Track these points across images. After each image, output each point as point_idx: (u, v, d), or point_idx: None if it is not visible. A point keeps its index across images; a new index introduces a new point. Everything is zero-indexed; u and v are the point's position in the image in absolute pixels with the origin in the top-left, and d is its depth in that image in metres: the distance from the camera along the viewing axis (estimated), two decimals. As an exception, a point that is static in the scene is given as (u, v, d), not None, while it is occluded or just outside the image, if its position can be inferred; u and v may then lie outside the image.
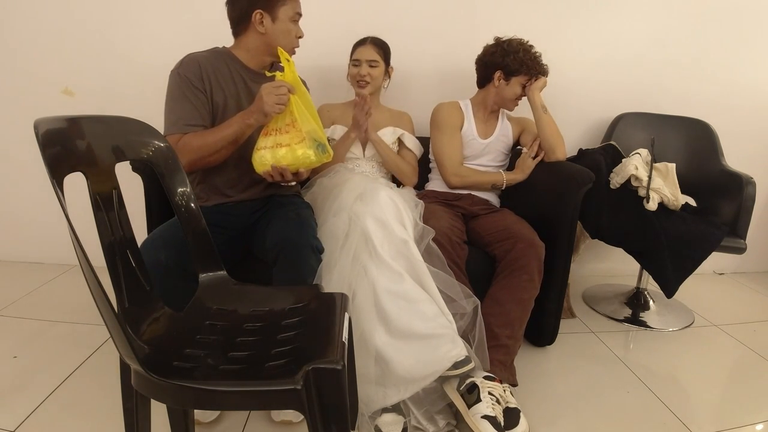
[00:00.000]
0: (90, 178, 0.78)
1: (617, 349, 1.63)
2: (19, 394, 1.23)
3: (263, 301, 0.95)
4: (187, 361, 0.74)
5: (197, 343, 0.80)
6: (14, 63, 1.90)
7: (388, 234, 1.27)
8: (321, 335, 0.80)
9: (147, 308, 0.84)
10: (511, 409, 1.15)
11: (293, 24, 1.30)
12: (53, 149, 0.70)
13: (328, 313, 0.88)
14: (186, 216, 0.98)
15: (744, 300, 2.13)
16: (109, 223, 0.80)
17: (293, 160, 1.18)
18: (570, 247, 1.47)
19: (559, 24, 1.98)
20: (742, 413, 1.32)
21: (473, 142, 1.71)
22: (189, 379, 0.68)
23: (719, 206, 1.80)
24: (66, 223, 0.65)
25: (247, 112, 1.19)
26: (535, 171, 1.67)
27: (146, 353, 0.73)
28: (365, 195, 1.34)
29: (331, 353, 0.73)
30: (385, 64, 1.68)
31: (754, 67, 2.13)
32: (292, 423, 1.17)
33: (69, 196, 0.70)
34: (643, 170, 1.70)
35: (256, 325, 0.87)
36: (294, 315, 0.89)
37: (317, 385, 0.67)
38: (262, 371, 0.72)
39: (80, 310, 1.70)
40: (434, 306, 1.21)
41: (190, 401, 0.74)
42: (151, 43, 1.88)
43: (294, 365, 0.70)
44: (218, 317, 0.90)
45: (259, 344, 0.80)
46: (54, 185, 0.66)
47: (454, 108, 1.72)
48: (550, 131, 1.63)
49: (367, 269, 1.21)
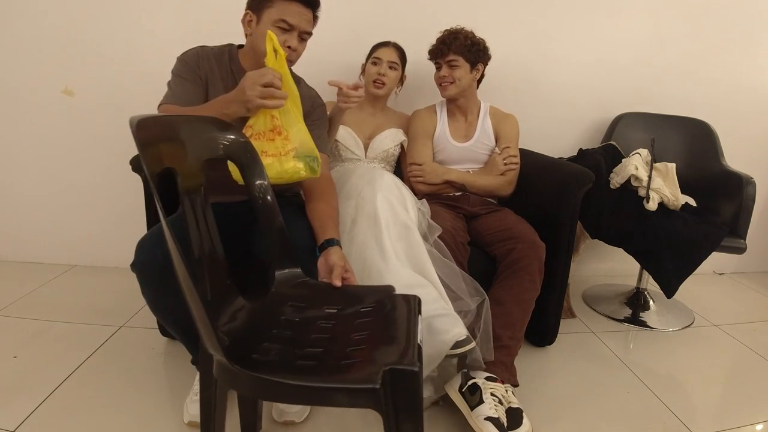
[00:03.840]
0: (180, 174, 0.80)
1: (617, 349, 1.63)
2: (19, 394, 1.23)
3: (336, 300, 0.96)
4: (265, 354, 0.75)
5: (274, 337, 0.82)
6: (14, 63, 1.90)
7: (394, 216, 1.29)
8: (395, 336, 0.81)
9: (227, 301, 0.85)
10: (513, 409, 1.15)
11: (278, 30, 1.16)
12: (150, 148, 0.73)
13: (401, 315, 0.89)
14: (263, 209, 0.98)
15: (744, 300, 2.14)
16: (196, 218, 0.82)
17: (279, 173, 1.05)
18: (570, 247, 1.47)
19: (559, 24, 1.98)
20: (742, 413, 1.32)
21: (447, 146, 1.68)
22: (269, 372, 0.69)
23: (719, 206, 1.80)
24: (161, 220, 0.69)
25: (227, 99, 1.04)
26: (534, 171, 1.66)
27: (227, 345, 0.74)
28: (374, 179, 1.38)
29: (408, 355, 0.73)
30: (402, 69, 1.69)
31: (754, 67, 2.14)
32: (295, 423, 1.17)
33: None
34: (643, 170, 1.70)
35: (329, 322, 0.88)
36: (367, 315, 0.90)
37: (393, 386, 0.67)
38: (339, 369, 0.73)
39: (80, 310, 1.70)
40: (433, 290, 1.21)
41: (269, 393, 0.75)
42: (151, 43, 1.88)
43: (370, 365, 0.71)
44: (293, 313, 0.92)
45: (333, 342, 0.82)
46: (150, 182, 0.68)
47: (427, 113, 1.72)
48: (487, 190, 1.64)
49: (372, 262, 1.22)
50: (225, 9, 1.32)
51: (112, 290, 1.87)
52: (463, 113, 1.71)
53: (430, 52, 1.64)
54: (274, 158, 1.05)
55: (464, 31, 1.60)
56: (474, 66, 1.61)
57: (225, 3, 1.31)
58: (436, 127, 1.70)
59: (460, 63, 1.58)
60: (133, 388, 1.29)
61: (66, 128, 1.96)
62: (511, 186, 1.66)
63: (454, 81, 1.60)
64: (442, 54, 1.59)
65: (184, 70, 1.22)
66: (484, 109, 1.73)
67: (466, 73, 1.60)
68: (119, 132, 1.95)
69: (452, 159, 1.69)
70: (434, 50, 1.62)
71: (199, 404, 1.14)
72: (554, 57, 2.02)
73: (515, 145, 1.69)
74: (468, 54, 1.58)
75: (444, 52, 1.59)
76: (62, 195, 2.04)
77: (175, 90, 1.20)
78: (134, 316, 1.67)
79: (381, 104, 1.73)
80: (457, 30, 1.60)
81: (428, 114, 1.72)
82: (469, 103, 1.70)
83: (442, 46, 1.59)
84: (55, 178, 2.02)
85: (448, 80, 1.60)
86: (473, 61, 1.60)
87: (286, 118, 1.06)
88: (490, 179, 1.64)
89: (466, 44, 1.57)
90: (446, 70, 1.60)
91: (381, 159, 1.69)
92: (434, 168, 1.65)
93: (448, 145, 1.68)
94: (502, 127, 1.70)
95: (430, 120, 1.71)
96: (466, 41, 1.57)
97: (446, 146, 1.68)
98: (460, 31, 1.60)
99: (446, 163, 1.69)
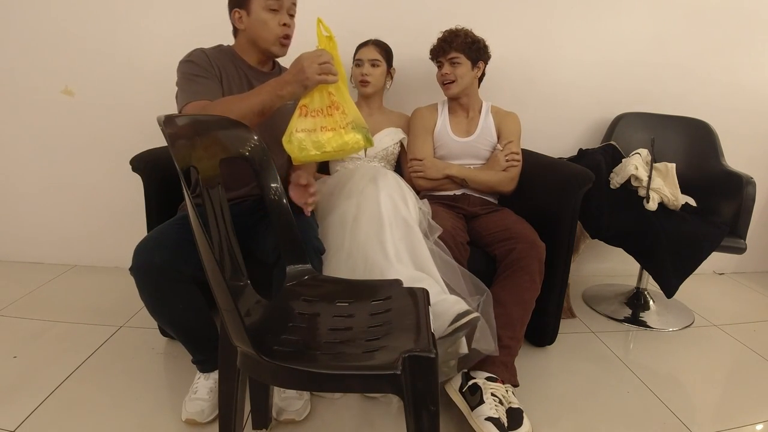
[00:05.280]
0: (201, 173, 0.83)
1: (617, 349, 1.63)
2: (19, 394, 1.23)
3: (347, 294, 1.00)
4: (286, 346, 0.79)
5: (291, 330, 0.86)
6: (14, 63, 1.90)
7: (396, 214, 1.29)
8: (409, 326, 0.84)
9: (244, 297, 0.88)
10: (513, 409, 1.15)
11: (270, 13, 1.23)
12: (179, 145, 0.76)
13: (412, 306, 0.92)
14: (277, 211, 1.04)
15: (744, 300, 2.14)
16: (215, 216, 0.85)
17: (341, 145, 1.10)
18: (570, 247, 1.47)
19: (559, 24, 1.98)
20: (742, 413, 1.32)
21: (448, 141, 1.69)
22: (294, 362, 0.73)
23: (719, 206, 1.80)
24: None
25: (281, 82, 1.07)
26: (534, 171, 1.66)
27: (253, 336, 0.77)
28: (377, 178, 1.39)
29: (424, 342, 0.77)
30: (387, 64, 1.69)
31: (754, 67, 2.14)
32: (295, 421, 1.17)
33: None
34: (643, 170, 1.70)
35: (343, 315, 0.92)
36: (380, 308, 0.94)
37: (412, 372, 0.71)
38: (360, 357, 0.77)
39: (80, 310, 1.70)
40: (435, 284, 1.20)
41: (296, 382, 0.80)
42: (151, 43, 1.88)
43: (389, 353, 0.75)
44: (306, 307, 0.95)
45: (349, 333, 0.85)
46: (181, 177, 0.70)
47: (428, 110, 1.73)
48: (489, 185, 1.64)
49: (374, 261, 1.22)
50: (224, 10, 1.32)
51: (112, 290, 1.87)
52: (464, 110, 1.72)
53: (432, 52, 1.66)
54: (334, 132, 1.10)
55: (465, 30, 1.62)
56: (475, 64, 1.63)
57: (225, 3, 1.32)
58: (437, 123, 1.70)
59: (462, 60, 1.60)
60: (133, 388, 1.29)
61: (66, 128, 1.96)
62: (513, 182, 1.66)
63: (456, 79, 1.61)
64: (443, 52, 1.61)
65: (198, 69, 1.22)
66: (485, 108, 1.73)
67: (467, 71, 1.61)
68: (119, 132, 1.95)
69: (453, 154, 1.69)
70: (435, 49, 1.64)
71: (197, 403, 1.16)
72: (554, 57, 2.02)
73: (517, 142, 1.69)
74: (469, 51, 1.60)
75: (445, 50, 1.60)
76: (62, 195, 2.04)
77: (198, 88, 1.19)
78: (134, 316, 1.67)
79: (376, 103, 1.74)
80: (458, 29, 1.62)
81: (429, 111, 1.73)
82: (471, 101, 1.70)
83: (444, 44, 1.61)
84: (55, 178, 2.02)
85: (450, 78, 1.61)
86: (474, 59, 1.62)
87: (341, 95, 1.11)
88: (492, 174, 1.64)
89: (467, 42, 1.59)
90: (448, 68, 1.61)
91: (381, 158, 1.69)
92: (435, 163, 1.65)
93: (449, 140, 1.68)
94: (504, 124, 1.71)
95: (430, 116, 1.71)
96: (466, 39, 1.59)
97: (447, 141, 1.68)
98: (461, 30, 1.62)
99: (447, 158, 1.69)
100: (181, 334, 1.20)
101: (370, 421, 1.21)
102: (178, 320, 1.16)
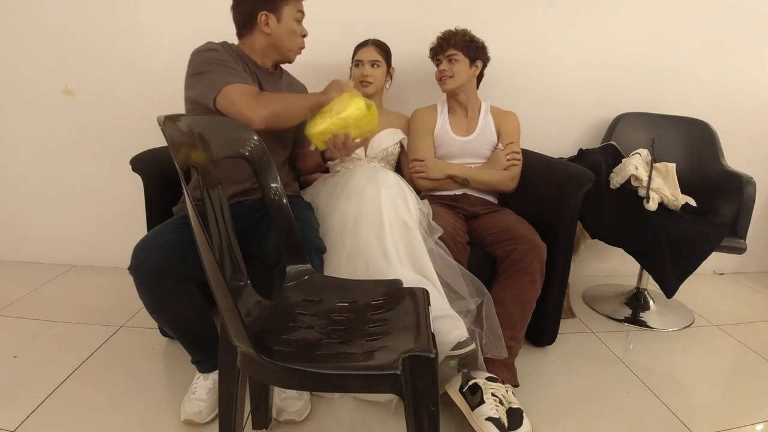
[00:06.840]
0: (200, 173, 0.83)
1: (617, 349, 1.63)
2: (19, 394, 1.23)
3: (347, 294, 1.00)
4: (286, 346, 0.79)
5: (291, 330, 0.86)
6: (14, 63, 1.90)
7: (397, 215, 1.30)
8: (409, 326, 0.85)
9: (244, 297, 0.88)
10: (514, 409, 1.15)
11: (297, 23, 1.30)
12: (179, 145, 0.76)
13: (412, 306, 0.92)
14: (277, 211, 1.05)
15: (744, 300, 2.14)
16: (215, 216, 0.85)
17: (349, 112, 1.21)
18: (570, 247, 1.47)
19: (559, 24, 1.98)
20: (742, 413, 1.32)
21: (448, 140, 1.69)
22: (295, 362, 0.72)
23: (719, 206, 1.80)
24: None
25: (322, 93, 1.24)
26: (534, 171, 1.66)
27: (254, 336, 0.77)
28: (377, 178, 1.39)
29: (424, 342, 0.77)
30: (387, 64, 1.69)
31: (754, 67, 2.14)
32: (295, 422, 1.17)
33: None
34: (643, 170, 1.70)
35: (343, 315, 0.92)
36: (379, 307, 0.94)
37: (412, 371, 0.71)
38: (360, 357, 0.77)
39: (80, 310, 1.70)
40: (435, 291, 1.21)
41: (297, 382, 0.79)
42: (151, 43, 1.88)
43: (389, 352, 0.75)
44: (306, 307, 0.95)
45: (349, 333, 0.85)
46: (181, 177, 0.70)
47: (427, 111, 1.74)
48: (490, 184, 1.65)
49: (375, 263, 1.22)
50: (225, 9, 1.32)
51: (112, 290, 1.87)
52: (463, 109, 1.73)
53: (431, 50, 1.68)
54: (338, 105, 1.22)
55: (464, 30, 1.65)
56: (473, 62, 1.64)
57: (225, 3, 1.32)
58: (437, 123, 1.71)
59: (459, 58, 1.62)
60: (132, 388, 1.29)
61: (66, 128, 1.96)
62: (514, 181, 1.66)
63: (453, 75, 1.63)
64: (442, 50, 1.64)
65: (226, 56, 1.22)
66: (484, 107, 1.74)
67: (465, 68, 1.63)
68: (119, 132, 1.95)
69: (453, 153, 1.69)
70: (434, 47, 1.67)
71: (195, 403, 1.16)
72: (554, 57, 2.02)
73: (517, 141, 1.70)
74: (467, 50, 1.62)
75: (444, 48, 1.63)
76: (62, 195, 2.04)
77: (236, 73, 1.20)
78: (134, 316, 1.67)
79: (376, 103, 1.73)
80: (456, 29, 1.65)
81: (429, 111, 1.74)
82: (469, 99, 1.71)
83: (442, 42, 1.64)
84: (55, 178, 2.02)
85: (447, 74, 1.63)
86: (472, 57, 1.64)
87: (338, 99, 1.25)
88: (493, 173, 1.64)
89: (465, 40, 1.62)
90: (446, 65, 1.63)
91: (381, 158, 1.69)
92: (436, 163, 1.66)
93: (449, 139, 1.69)
94: (503, 123, 1.72)
95: (430, 117, 1.72)
96: (465, 37, 1.62)
97: (447, 140, 1.69)
98: (459, 30, 1.64)
99: (447, 157, 1.70)
100: (179, 334, 1.20)
101: (370, 421, 1.21)
102: (177, 320, 1.16)
